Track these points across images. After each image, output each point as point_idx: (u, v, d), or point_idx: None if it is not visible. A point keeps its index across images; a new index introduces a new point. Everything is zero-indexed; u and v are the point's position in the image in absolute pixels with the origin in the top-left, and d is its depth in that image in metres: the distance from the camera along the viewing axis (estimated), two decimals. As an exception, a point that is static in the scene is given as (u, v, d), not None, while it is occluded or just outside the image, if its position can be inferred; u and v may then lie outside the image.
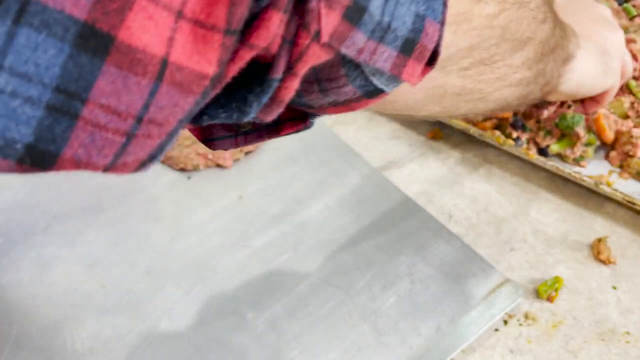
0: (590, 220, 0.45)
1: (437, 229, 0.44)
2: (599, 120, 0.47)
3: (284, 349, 0.37)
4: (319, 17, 0.18)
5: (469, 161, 0.50)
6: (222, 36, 0.16)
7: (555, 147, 0.48)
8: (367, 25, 0.19)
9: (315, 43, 0.18)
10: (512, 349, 0.38)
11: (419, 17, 0.21)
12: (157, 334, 0.38)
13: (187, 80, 0.16)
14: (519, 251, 0.43)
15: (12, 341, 0.38)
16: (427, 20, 0.21)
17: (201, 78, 0.16)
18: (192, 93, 0.17)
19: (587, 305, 0.40)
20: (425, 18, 0.21)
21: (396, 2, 0.20)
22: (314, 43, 0.18)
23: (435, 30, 0.21)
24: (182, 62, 0.16)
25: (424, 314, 0.39)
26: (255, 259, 0.42)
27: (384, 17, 0.19)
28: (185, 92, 0.17)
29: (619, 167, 0.47)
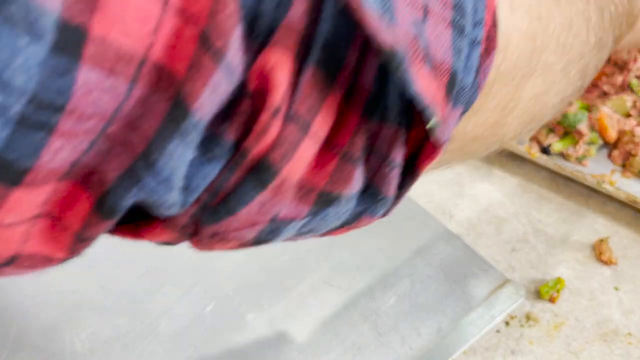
0: (592, 221, 0.45)
1: (437, 229, 0.44)
2: (601, 119, 0.47)
3: (283, 349, 0.37)
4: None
5: (469, 161, 0.50)
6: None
7: (557, 146, 0.47)
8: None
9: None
10: (513, 350, 0.38)
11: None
12: (157, 334, 0.38)
13: None
14: (520, 251, 0.43)
15: (12, 341, 0.38)
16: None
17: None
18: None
19: (589, 306, 0.40)
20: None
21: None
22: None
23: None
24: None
25: (424, 315, 0.39)
26: (254, 259, 0.42)
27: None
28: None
29: (621, 166, 0.47)
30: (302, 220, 0.19)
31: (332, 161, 0.17)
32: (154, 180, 0.15)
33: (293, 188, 0.17)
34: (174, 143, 0.14)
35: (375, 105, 0.17)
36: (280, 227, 0.19)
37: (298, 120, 0.16)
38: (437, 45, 0.17)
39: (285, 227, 0.19)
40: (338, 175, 0.18)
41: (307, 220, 0.19)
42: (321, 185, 0.18)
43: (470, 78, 0.18)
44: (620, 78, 0.48)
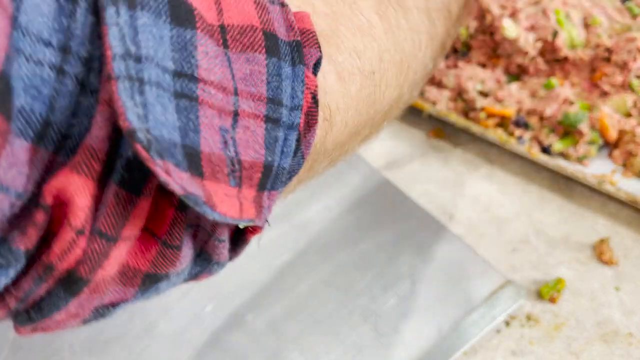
0: (593, 221, 0.45)
1: (438, 230, 0.44)
2: (602, 119, 0.47)
3: (283, 350, 0.37)
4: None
5: (470, 161, 0.50)
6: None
7: (558, 146, 0.47)
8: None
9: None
10: (514, 351, 0.38)
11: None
12: (156, 335, 0.38)
13: None
14: (520, 252, 0.43)
15: (11, 341, 0.38)
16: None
17: None
18: None
19: (590, 306, 0.40)
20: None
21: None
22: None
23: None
24: None
25: (424, 315, 0.39)
26: (254, 259, 0.42)
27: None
28: None
29: (622, 166, 0.47)
30: (132, 299, 0.19)
31: (152, 248, 0.18)
32: None
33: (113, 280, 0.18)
34: None
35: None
36: (108, 310, 0.19)
37: (104, 236, 0.16)
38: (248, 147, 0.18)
39: (115, 308, 0.19)
40: (161, 260, 0.18)
41: (139, 296, 0.19)
42: (145, 269, 0.18)
43: (288, 160, 0.20)
44: (621, 78, 0.48)
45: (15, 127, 0.14)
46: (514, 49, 0.50)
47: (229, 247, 0.20)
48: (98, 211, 0.16)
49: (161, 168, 0.15)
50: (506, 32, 0.50)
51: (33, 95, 0.14)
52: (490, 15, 0.51)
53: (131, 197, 0.16)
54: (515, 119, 0.49)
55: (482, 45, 0.53)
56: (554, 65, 0.51)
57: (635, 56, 0.47)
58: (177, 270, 0.19)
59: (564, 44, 0.49)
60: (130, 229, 0.17)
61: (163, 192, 0.17)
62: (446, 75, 0.52)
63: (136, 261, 0.18)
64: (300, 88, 0.20)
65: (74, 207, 0.15)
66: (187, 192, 0.16)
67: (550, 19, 0.49)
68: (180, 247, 0.18)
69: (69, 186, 0.15)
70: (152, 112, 0.15)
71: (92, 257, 0.16)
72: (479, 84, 0.51)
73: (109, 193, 0.16)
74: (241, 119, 0.18)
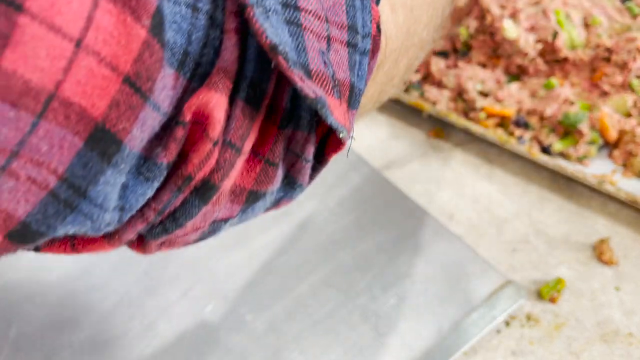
0: (593, 221, 0.45)
1: (438, 230, 0.44)
2: (602, 119, 0.47)
3: (283, 350, 0.37)
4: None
5: (470, 161, 0.50)
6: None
7: (558, 146, 0.47)
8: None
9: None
10: (514, 351, 0.38)
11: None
12: (156, 335, 0.38)
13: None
14: (520, 252, 0.43)
15: (11, 341, 0.38)
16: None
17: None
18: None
19: (590, 306, 0.40)
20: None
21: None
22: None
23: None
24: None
25: (424, 315, 0.39)
26: (254, 259, 0.42)
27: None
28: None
29: (622, 166, 0.47)
30: (235, 217, 0.22)
31: (257, 166, 0.21)
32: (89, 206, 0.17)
33: (228, 195, 0.20)
34: (108, 174, 0.16)
35: (290, 118, 0.21)
36: (219, 226, 0.22)
37: (233, 146, 0.19)
38: (340, 68, 0.21)
39: (223, 225, 0.22)
40: (263, 176, 0.21)
41: (238, 218, 0.22)
42: (250, 187, 0.21)
43: (363, 83, 0.22)
44: (621, 78, 0.48)
45: (165, 56, 0.16)
46: (514, 50, 0.50)
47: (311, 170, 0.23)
48: (228, 125, 0.18)
49: (297, 76, 0.18)
50: (506, 33, 0.50)
51: (175, 30, 0.17)
52: (490, 16, 0.51)
53: (253, 112, 0.19)
54: (515, 119, 0.49)
55: (482, 45, 0.53)
56: (554, 65, 0.51)
57: (635, 56, 0.47)
58: (272, 189, 0.22)
59: (564, 44, 0.49)
60: (249, 142, 0.19)
61: (268, 112, 0.20)
62: (446, 75, 0.52)
63: (243, 180, 0.20)
64: (368, 18, 0.22)
65: (213, 120, 0.17)
66: (317, 95, 0.18)
67: (550, 19, 0.49)
68: (279, 165, 0.21)
69: (208, 102, 0.17)
70: (278, 33, 0.18)
71: (223, 166, 0.19)
72: (479, 84, 0.51)
73: (236, 109, 0.18)
74: (332, 43, 0.21)
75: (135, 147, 0.17)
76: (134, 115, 0.16)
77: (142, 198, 0.18)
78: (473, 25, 0.52)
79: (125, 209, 0.18)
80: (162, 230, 0.20)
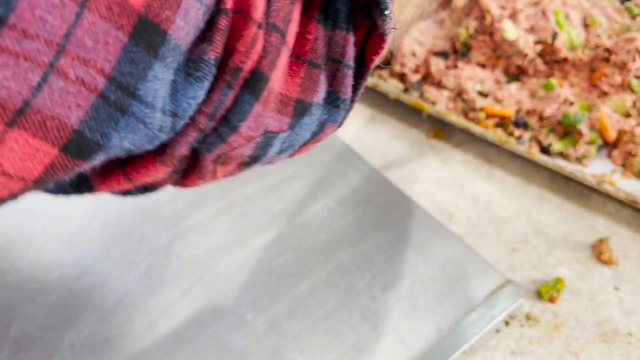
0: (592, 221, 0.45)
1: (437, 230, 0.44)
2: (601, 119, 0.47)
3: (283, 349, 0.37)
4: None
5: (470, 161, 0.50)
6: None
7: (557, 146, 0.48)
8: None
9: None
10: (513, 350, 0.38)
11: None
12: (156, 334, 0.38)
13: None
14: (520, 252, 0.43)
15: (11, 341, 0.38)
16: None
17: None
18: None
19: (589, 306, 0.40)
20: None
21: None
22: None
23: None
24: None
25: (424, 315, 0.39)
26: (254, 259, 0.42)
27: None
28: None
29: (621, 166, 0.47)
30: (285, 132, 0.21)
31: (301, 70, 0.20)
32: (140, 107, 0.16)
33: (276, 99, 0.19)
34: (155, 67, 0.15)
35: (327, 12, 0.20)
36: (270, 140, 0.21)
37: (277, 29, 0.18)
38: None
39: (274, 140, 0.21)
40: (307, 82, 0.20)
41: (288, 134, 0.21)
42: (296, 95, 0.20)
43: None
44: (620, 78, 0.48)
45: None
46: (514, 51, 0.50)
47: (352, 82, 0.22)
48: (269, 8, 0.18)
49: None
50: (506, 34, 0.50)
51: None
52: (490, 16, 0.51)
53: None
54: (515, 119, 0.49)
55: (482, 45, 0.53)
56: (553, 65, 0.51)
57: (635, 56, 0.47)
58: (318, 100, 0.21)
59: (564, 45, 0.49)
60: (292, 30, 0.19)
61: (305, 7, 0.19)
62: (446, 76, 0.53)
63: (288, 87, 0.20)
64: None
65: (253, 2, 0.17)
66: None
67: (549, 20, 0.49)
68: (321, 67, 0.20)
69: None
70: None
71: (270, 51, 0.18)
72: (479, 84, 0.51)
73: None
74: None
75: (181, 40, 0.16)
76: (176, 3, 0.15)
77: (194, 101, 0.18)
78: (473, 25, 0.52)
79: (178, 115, 0.17)
80: (216, 138, 0.19)
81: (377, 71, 0.56)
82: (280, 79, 0.19)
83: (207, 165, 0.21)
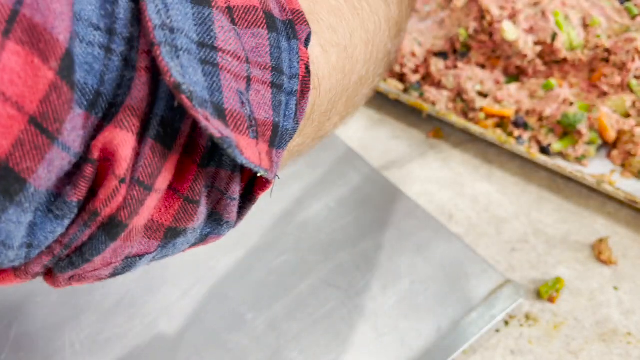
0: (592, 221, 0.45)
1: (437, 229, 0.44)
2: (601, 119, 0.47)
3: (283, 349, 0.37)
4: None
5: (469, 161, 0.50)
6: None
7: (557, 146, 0.48)
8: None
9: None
10: (513, 350, 0.38)
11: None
12: (156, 334, 0.38)
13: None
14: (520, 252, 0.43)
15: (12, 341, 0.38)
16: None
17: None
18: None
19: (589, 306, 0.40)
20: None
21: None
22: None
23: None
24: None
25: (424, 315, 0.39)
26: (254, 259, 0.42)
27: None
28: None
29: (620, 166, 0.47)
30: (152, 253, 0.22)
31: (176, 203, 0.20)
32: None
33: (142, 231, 0.20)
34: (10, 212, 0.16)
35: (212, 156, 0.20)
36: (134, 262, 0.21)
37: (142, 184, 0.18)
38: (260, 108, 0.21)
39: (139, 261, 0.22)
40: (182, 214, 0.21)
41: (157, 253, 0.22)
42: (168, 223, 0.21)
43: (290, 122, 0.22)
44: (620, 78, 0.48)
45: (75, 97, 0.16)
46: (514, 52, 0.51)
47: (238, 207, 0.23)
48: (137, 163, 0.18)
49: (202, 115, 0.18)
50: (506, 35, 0.50)
51: (87, 71, 0.17)
52: (489, 16, 0.51)
53: (164, 150, 0.19)
54: (514, 119, 0.49)
55: (482, 46, 0.53)
56: (553, 66, 0.51)
57: (634, 57, 0.47)
58: (194, 226, 0.22)
59: (563, 45, 0.49)
60: (162, 180, 0.19)
61: (187, 151, 0.20)
62: (446, 76, 0.53)
63: (160, 216, 0.20)
64: (296, 59, 0.22)
65: (118, 157, 0.18)
66: (223, 135, 0.18)
67: (549, 20, 0.49)
68: (199, 203, 0.21)
69: (113, 140, 0.17)
70: (187, 72, 0.18)
71: (131, 204, 0.18)
72: (478, 84, 0.52)
73: (146, 147, 0.18)
74: (253, 84, 0.21)
75: (42, 186, 0.17)
76: (40, 155, 0.16)
77: (52, 235, 0.18)
78: (472, 26, 0.53)
79: (33, 246, 0.18)
80: (68, 264, 0.20)
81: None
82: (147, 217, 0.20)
83: (60, 281, 0.21)
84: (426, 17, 0.57)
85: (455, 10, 0.55)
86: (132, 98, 0.18)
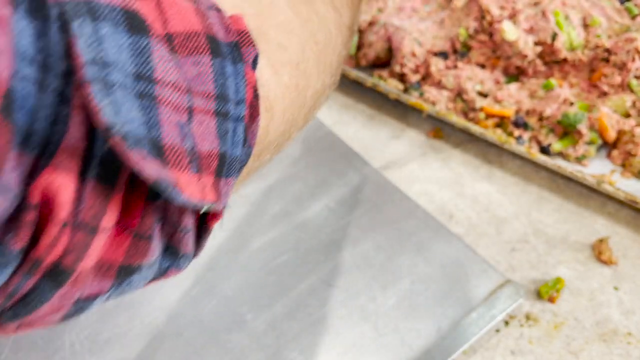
0: (592, 221, 0.45)
1: (437, 229, 0.44)
2: (601, 119, 0.47)
3: (283, 349, 0.37)
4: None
5: (469, 161, 0.50)
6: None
7: (557, 146, 0.48)
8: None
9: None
10: (513, 350, 0.38)
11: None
12: (156, 334, 0.38)
13: None
14: (520, 252, 0.43)
15: (12, 341, 0.38)
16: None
17: None
18: None
19: (589, 306, 0.40)
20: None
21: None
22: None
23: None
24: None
25: (424, 315, 0.39)
26: (254, 259, 0.42)
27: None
28: None
29: (621, 166, 0.47)
30: (106, 293, 0.21)
31: (126, 240, 0.19)
32: None
33: (91, 273, 0.19)
34: None
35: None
36: (86, 303, 0.21)
37: (85, 227, 0.18)
38: (204, 139, 0.20)
39: (92, 302, 0.21)
40: (133, 250, 0.20)
41: (112, 292, 0.21)
42: (120, 261, 0.20)
43: (239, 149, 0.22)
44: (620, 78, 0.48)
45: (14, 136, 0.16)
46: (514, 52, 0.51)
47: (194, 238, 0.22)
48: (79, 205, 0.17)
49: (134, 158, 0.17)
50: (506, 35, 0.50)
51: (20, 106, 0.16)
52: (489, 16, 0.51)
53: (107, 189, 0.18)
54: (515, 119, 0.49)
55: (482, 46, 0.53)
56: (553, 66, 0.51)
57: (634, 57, 0.47)
58: (149, 262, 0.21)
59: (563, 45, 0.49)
60: (108, 220, 0.18)
61: (134, 185, 0.19)
62: (445, 76, 0.53)
63: (111, 255, 0.19)
64: (242, 84, 0.22)
65: (58, 201, 0.17)
66: (158, 178, 0.17)
67: (549, 20, 0.49)
68: (152, 238, 0.20)
69: (52, 183, 0.17)
70: (121, 111, 0.17)
71: (75, 248, 0.18)
72: (478, 84, 0.52)
73: (87, 188, 0.17)
74: (196, 115, 0.20)
75: None
76: None
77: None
78: (472, 26, 0.53)
79: None
80: (12, 315, 0.19)
81: (377, 71, 0.56)
82: (95, 259, 0.19)
83: (9, 330, 0.20)
84: (426, 17, 0.57)
85: (455, 10, 0.55)
86: (70, 137, 0.17)
